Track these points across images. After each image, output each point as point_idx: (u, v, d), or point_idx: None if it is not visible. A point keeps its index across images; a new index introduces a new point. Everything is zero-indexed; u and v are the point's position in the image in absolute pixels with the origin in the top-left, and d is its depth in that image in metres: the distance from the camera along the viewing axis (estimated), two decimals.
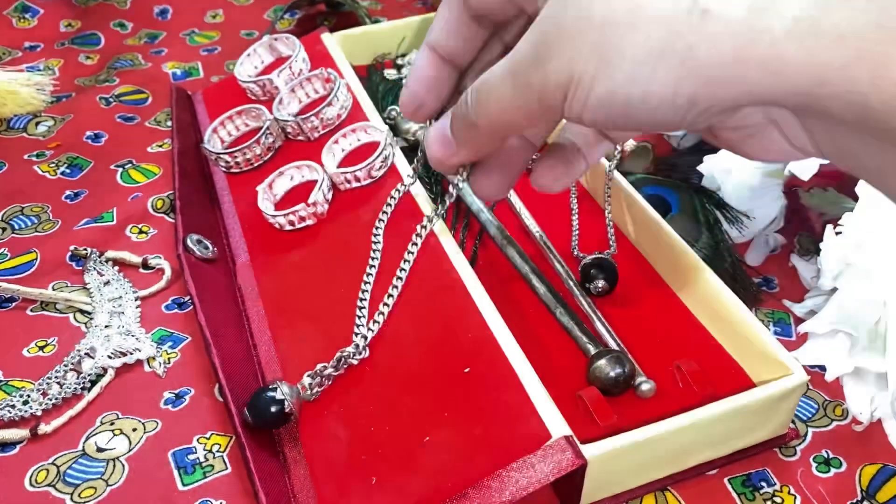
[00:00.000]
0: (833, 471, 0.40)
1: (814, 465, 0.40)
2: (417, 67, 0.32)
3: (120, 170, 0.59)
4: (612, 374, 0.40)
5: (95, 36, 0.74)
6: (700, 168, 0.51)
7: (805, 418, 0.43)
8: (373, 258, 0.44)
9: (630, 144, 0.55)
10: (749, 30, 0.20)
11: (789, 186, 0.51)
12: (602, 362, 0.41)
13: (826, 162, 0.46)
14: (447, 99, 0.32)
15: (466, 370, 0.38)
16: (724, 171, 0.50)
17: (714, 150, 0.51)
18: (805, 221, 0.53)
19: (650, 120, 0.23)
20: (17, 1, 0.76)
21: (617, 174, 0.51)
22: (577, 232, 0.50)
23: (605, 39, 0.22)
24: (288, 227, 0.49)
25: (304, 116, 0.53)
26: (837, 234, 0.44)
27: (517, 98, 0.25)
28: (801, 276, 0.50)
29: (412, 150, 0.57)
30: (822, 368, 0.45)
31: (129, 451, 0.41)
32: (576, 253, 0.49)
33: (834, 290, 0.45)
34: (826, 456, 0.41)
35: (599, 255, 0.47)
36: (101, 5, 0.77)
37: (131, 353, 0.45)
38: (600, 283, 0.46)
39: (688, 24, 0.21)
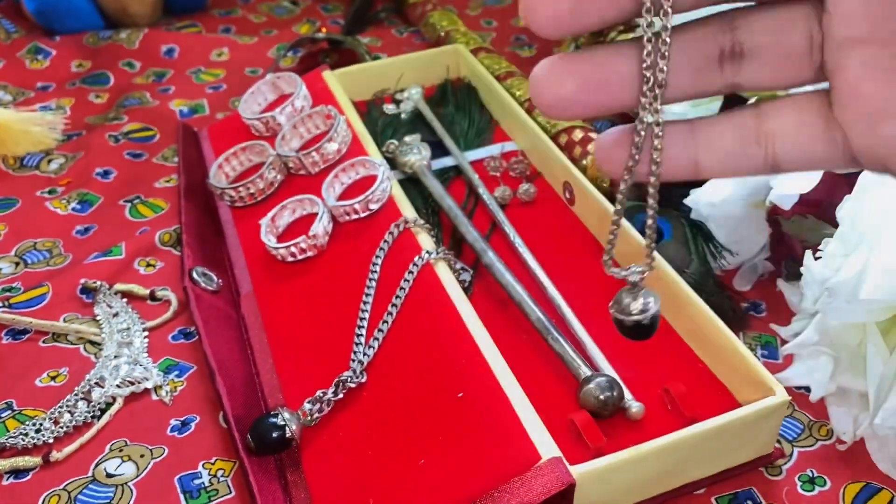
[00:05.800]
0: (818, 489, 0.41)
1: (799, 483, 0.42)
2: None
3: (128, 205, 0.61)
4: (601, 397, 0.42)
5: (105, 75, 0.77)
6: (686, 201, 0.53)
7: (791, 438, 0.44)
8: (369, 287, 0.46)
9: None
10: None
11: (771, 215, 0.52)
12: (592, 386, 0.42)
13: (805, 191, 0.48)
14: None
15: (460, 395, 0.39)
16: (709, 204, 0.52)
17: (700, 184, 0.53)
18: (790, 248, 0.55)
19: None
20: (30, 43, 0.79)
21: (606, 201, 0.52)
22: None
23: None
24: (290, 259, 0.51)
25: (305, 152, 0.55)
26: (817, 258, 0.46)
27: None
28: (788, 299, 0.51)
29: (409, 181, 0.59)
30: (808, 389, 0.46)
31: (137, 476, 0.42)
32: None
33: (816, 312, 0.46)
34: (811, 475, 0.42)
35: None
36: (111, 45, 0.79)
37: (139, 383, 0.47)
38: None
39: None
